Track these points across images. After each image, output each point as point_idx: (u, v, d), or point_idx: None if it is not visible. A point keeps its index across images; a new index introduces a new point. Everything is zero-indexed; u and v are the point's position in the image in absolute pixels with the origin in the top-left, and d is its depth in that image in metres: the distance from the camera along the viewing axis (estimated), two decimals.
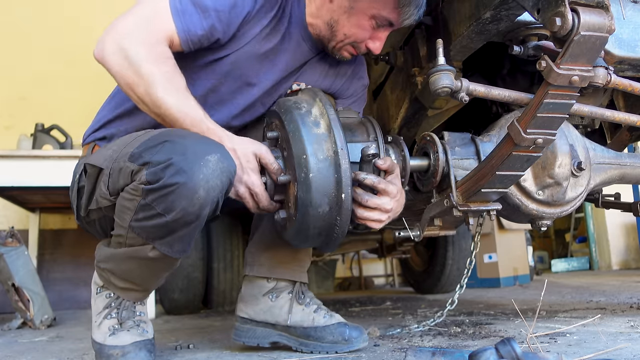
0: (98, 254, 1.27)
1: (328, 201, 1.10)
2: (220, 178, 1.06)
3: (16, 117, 3.96)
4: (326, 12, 1.30)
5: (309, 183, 1.09)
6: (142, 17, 1.16)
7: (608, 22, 0.92)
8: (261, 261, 1.43)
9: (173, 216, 1.06)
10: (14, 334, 2.29)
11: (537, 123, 1.07)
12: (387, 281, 5.41)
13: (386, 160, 1.16)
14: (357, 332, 1.35)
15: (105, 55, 1.14)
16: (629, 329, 1.45)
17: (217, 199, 1.09)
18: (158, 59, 1.14)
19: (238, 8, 1.22)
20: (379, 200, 1.15)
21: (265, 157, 1.16)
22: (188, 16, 1.17)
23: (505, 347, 0.84)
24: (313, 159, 1.09)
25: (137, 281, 1.25)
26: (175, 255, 1.15)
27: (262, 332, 1.42)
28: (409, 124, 1.65)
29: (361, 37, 1.30)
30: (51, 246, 3.74)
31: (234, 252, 3.02)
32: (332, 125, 1.12)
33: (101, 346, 1.23)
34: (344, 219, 1.12)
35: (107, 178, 1.17)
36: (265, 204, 1.18)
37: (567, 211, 1.47)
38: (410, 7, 1.24)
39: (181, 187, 1.03)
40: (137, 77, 1.12)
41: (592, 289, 3.05)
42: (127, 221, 1.13)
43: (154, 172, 1.04)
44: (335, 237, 1.16)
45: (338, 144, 1.10)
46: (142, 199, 1.07)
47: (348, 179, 1.09)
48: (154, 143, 1.08)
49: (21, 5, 4.12)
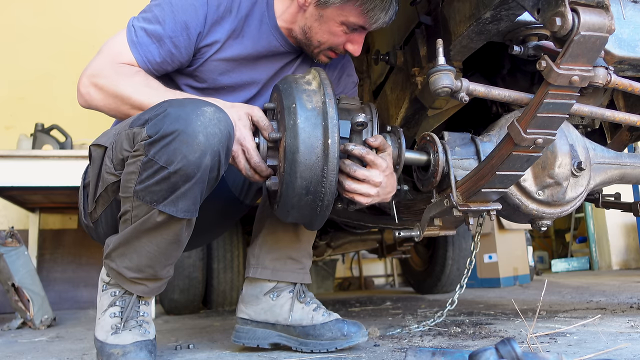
0: (107, 244, 1.28)
1: (314, 148, 1.12)
2: (218, 126, 1.10)
3: (16, 117, 3.96)
4: (300, 19, 1.37)
5: (296, 129, 1.12)
6: (106, 56, 1.28)
7: (608, 22, 0.92)
8: (265, 264, 1.44)
9: (175, 166, 1.08)
10: (14, 334, 2.29)
11: (537, 123, 1.07)
12: (387, 281, 5.41)
13: (377, 138, 1.20)
14: (356, 327, 1.35)
15: (86, 99, 1.27)
16: (629, 329, 1.45)
17: (218, 148, 1.10)
18: (127, 76, 1.25)
19: (191, 29, 1.30)
20: (367, 172, 1.16)
21: (257, 115, 1.22)
22: (145, 47, 1.29)
23: (505, 347, 0.84)
24: (301, 108, 1.14)
25: (146, 263, 1.23)
26: (180, 214, 1.15)
27: (262, 333, 1.42)
28: (409, 124, 1.65)
29: (336, 42, 1.37)
30: (51, 246, 3.74)
31: (234, 252, 3.02)
32: (322, 83, 1.18)
33: (103, 344, 1.23)
34: (330, 168, 1.12)
35: (111, 152, 1.23)
36: (256, 159, 1.20)
37: (567, 211, 1.47)
38: (375, 11, 1.29)
39: (181, 133, 1.07)
40: (117, 100, 1.24)
41: (592, 289, 3.05)
42: (131, 189, 1.15)
43: (153, 124, 1.10)
44: (324, 195, 1.15)
45: (327, 95, 1.15)
46: (144, 157, 1.11)
47: (335, 127, 1.12)
48: (153, 107, 1.15)
49: (21, 5, 4.12)
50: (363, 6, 1.28)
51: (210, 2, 1.31)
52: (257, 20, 1.39)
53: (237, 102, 1.42)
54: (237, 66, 1.40)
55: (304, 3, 1.34)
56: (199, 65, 1.36)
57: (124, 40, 1.29)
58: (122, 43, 1.29)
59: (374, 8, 1.28)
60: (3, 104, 3.99)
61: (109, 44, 1.31)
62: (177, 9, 1.29)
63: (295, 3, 1.36)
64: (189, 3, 1.29)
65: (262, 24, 1.40)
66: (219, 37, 1.34)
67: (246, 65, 1.41)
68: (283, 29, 1.41)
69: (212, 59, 1.36)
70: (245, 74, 1.42)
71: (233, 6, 1.35)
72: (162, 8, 1.29)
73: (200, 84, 1.39)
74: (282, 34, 1.41)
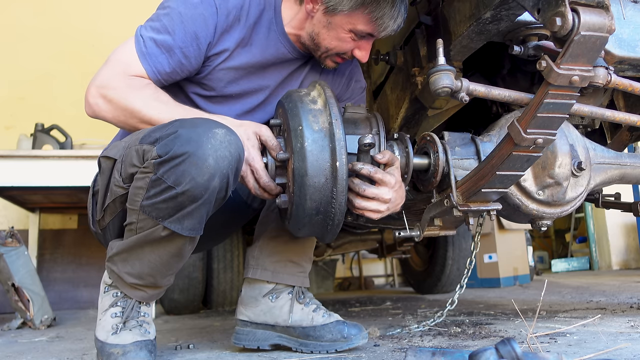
0: (110, 248, 1.28)
1: (323, 171, 1.12)
2: (229, 149, 1.10)
3: (16, 117, 3.96)
4: (308, 26, 1.37)
5: (304, 152, 1.12)
6: (115, 66, 1.27)
7: (608, 22, 0.92)
8: (265, 265, 1.43)
9: (183, 187, 1.08)
10: (14, 334, 2.29)
11: (537, 123, 1.07)
12: (387, 281, 5.40)
13: (385, 154, 1.19)
14: (356, 329, 1.35)
15: (94, 110, 1.26)
16: (629, 329, 1.45)
17: (227, 171, 1.10)
18: (136, 89, 1.24)
19: (201, 39, 1.29)
20: (376, 190, 1.16)
21: (265, 134, 1.22)
22: (154, 57, 1.28)
23: (505, 347, 0.84)
24: (308, 130, 1.14)
25: (147, 272, 1.24)
26: (185, 232, 1.15)
27: (262, 334, 1.42)
28: (409, 124, 1.65)
29: (344, 48, 1.37)
30: (51, 246, 3.73)
31: (234, 252, 3.02)
32: (328, 102, 1.17)
33: (103, 344, 1.23)
34: (340, 189, 1.12)
35: (120, 165, 1.22)
36: (265, 179, 1.21)
37: (567, 211, 1.47)
38: (384, 19, 1.29)
39: (191, 155, 1.07)
40: (126, 113, 1.23)
41: (592, 289, 3.05)
42: (138, 203, 1.15)
43: (164, 144, 1.09)
44: (334, 214, 1.16)
45: (333, 115, 1.14)
46: (153, 175, 1.11)
47: (342, 148, 1.11)
48: (163, 125, 1.15)
49: (21, 5, 4.12)
50: (372, 14, 1.27)
51: (219, 11, 1.30)
52: (265, 27, 1.38)
53: (245, 108, 1.42)
54: (246, 74, 1.39)
55: (311, 10, 1.33)
56: (207, 73, 1.36)
57: (133, 50, 1.27)
58: (131, 53, 1.27)
59: (383, 16, 1.28)
60: (3, 104, 3.99)
61: (118, 53, 1.29)
62: (186, 19, 1.27)
63: (303, 10, 1.36)
64: (198, 13, 1.27)
65: (270, 32, 1.39)
66: (228, 45, 1.33)
67: (254, 73, 1.40)
68: (291, 36, 1.40)
69: (220, 67, 1.35)
70: (253, 81, 1.41)
71: (242, 14, 1.34)
72: (171, 18, 1.27)
73: (208, 92, 1.39)
74: (289, 40, 1.41)
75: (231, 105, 1.40)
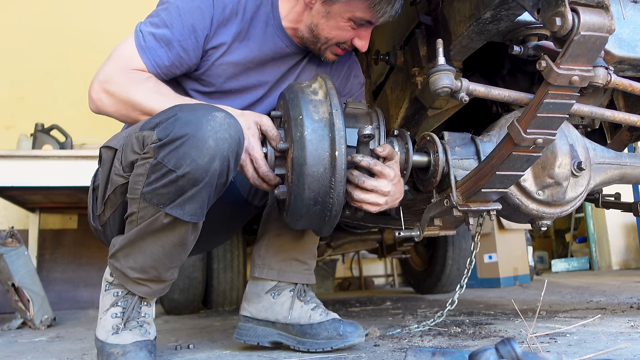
0: (112, 244, 1.28)
1: (322, 160, 1.12)
2: (229, 131, 1.10)
3: (16, 117, 3.96)
4: (307, 18, 1.37)
5: (304, 141, 1.12)
6: (116, 62, 1.29)
7: (608, 22, 0.92)
8: (271, 264, 1.44)
9: (183, 170, 1.08)
10: (14, 334, 2.29)
11: (537, 123, 1.07)
12: (387, 281, 5.41)
13: (385, 148, 1.20)
14: (352, 327, 1.35)
15: (97, 105, 1.28)
16: (629, 329, 1.45)
17: (227, 153, 1.10)
18: (137, 82, 1.26)
19: (199, 32, 1.31)
20: (376, 182, 1.17)
21: (266, 124, 1.23)
22: (153, 51, 1.29)
23: (505, 347, 0.84)
24: (308, 119, 1.14)
25: (150, 264, 1.23)
26: (187, 217, 1.15)
27: (263, 331, 1.43)
28: (409, 124, 1.65)
29: (343, 37, 1.37)
30: (51, 246, 3.74)
31: (234, 252, 3.02)
32: (329, 93, 1.17)
33: (103, 344, 1.23)
34: (338, 179, 1.12)
35: (120, 154, 1.23)
36: (264, 169, 1.21)
37: (567, 211, 1.47)
38: (382, 5, 1.30)
39: (191, 137, 1.07)
40: (128, 106, 1.25)
41: (592, 289, 3.05)
42: (139, 191, 1.15)
43: (163, 128, 1.10)
44: (332, 205, 1.16)
45: (333, 106, 1.15)
46: (153, 159, 1.11)
47: (342, 138, 1.12)
48: (163, 111, 1.16)
49: (21, 5, 4.12)
50: (370, 1, 1.28)
51: (216, 4, 1.31)
52: (263, 22, 1.39)
53: (245, 104, 1.43)
54: (245, 70, 1.40)
55: (310, 1, 1.34)
56: (206, 69, 1.37)
57: (133, 45, 1.29)
58: (131, 48, 1.29)
59: (380, 2, 1.29)
60: (3, 104, 3.99)
61: (119, 49, 1.31)
62: (184, 12, 1.29)
63: (301, 2, 1.37)
64: (195, 5, 1.30)
65: (267, 26, 1.40)
66: (225, 39, 1.35)
67: (253, 69, 1.41)
68: (288, 30, 1.41)
69: (218, 62, 1.36)
70: (252, 77, 1.42)
71: (239, 9, 1.35)
72: (169, 12, 1.29)
73: (208, 88, 1.40)
74: (287, 35, 1.41)
75: (230, 101, 1.40)
